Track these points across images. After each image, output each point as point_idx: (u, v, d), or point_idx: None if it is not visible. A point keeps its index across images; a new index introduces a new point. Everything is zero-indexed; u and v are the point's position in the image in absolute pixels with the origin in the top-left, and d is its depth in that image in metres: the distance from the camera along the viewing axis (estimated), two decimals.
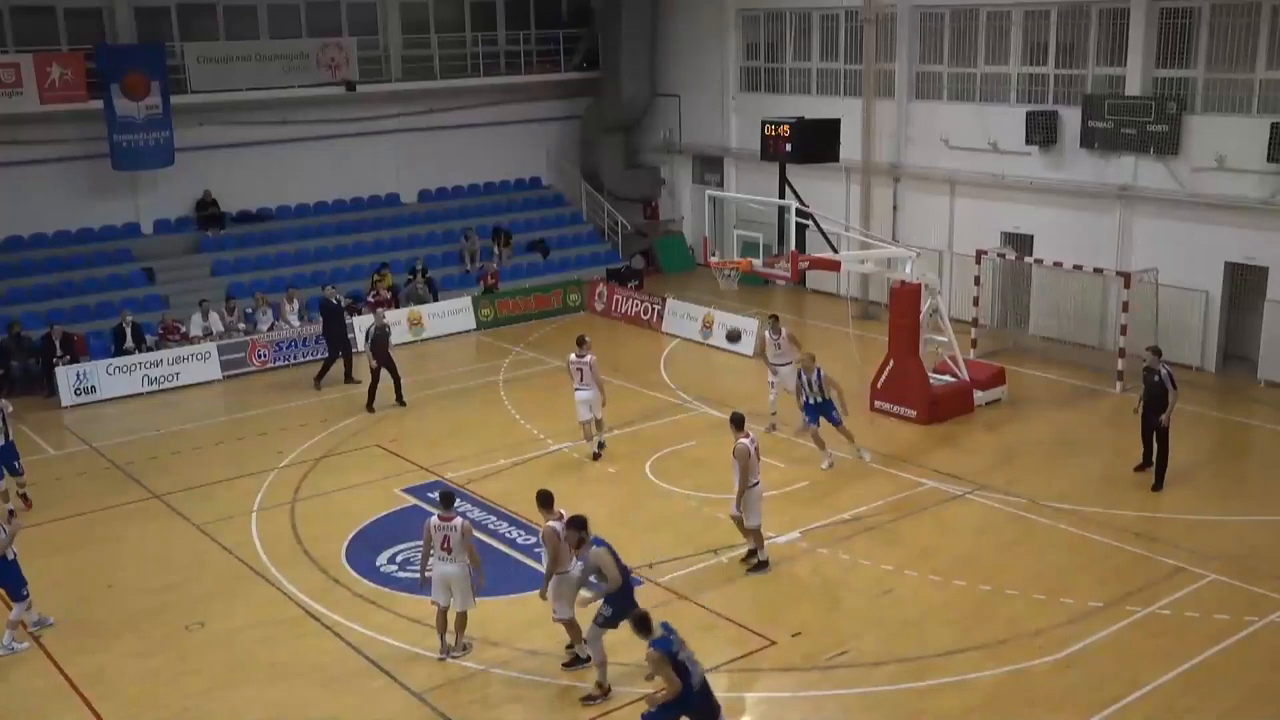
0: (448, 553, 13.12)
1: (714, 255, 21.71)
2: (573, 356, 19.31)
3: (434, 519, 13.29)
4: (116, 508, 18.26)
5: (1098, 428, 20.89)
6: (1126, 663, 12.92)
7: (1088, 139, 24.33)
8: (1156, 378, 17.31)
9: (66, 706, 12.67)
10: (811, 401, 18.45)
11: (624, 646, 13.46)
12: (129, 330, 24.76)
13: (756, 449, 15.03)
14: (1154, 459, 17.74)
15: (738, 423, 15.19)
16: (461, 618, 13.46)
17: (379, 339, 22.63)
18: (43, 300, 26.34)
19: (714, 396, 22.62)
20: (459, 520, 13.20)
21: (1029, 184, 25.78)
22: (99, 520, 17.83)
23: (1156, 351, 17.66)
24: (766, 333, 20.79)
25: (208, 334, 25.71)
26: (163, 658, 13.64)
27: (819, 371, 18.33)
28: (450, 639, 13.46)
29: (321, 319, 24.75)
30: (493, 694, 12.68)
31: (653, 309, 28.45)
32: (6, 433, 18.09)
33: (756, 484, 15.05)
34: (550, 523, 12.81)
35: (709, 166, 34.50)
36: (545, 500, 13.10)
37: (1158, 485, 17.54)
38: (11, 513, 14.98)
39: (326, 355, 24.64)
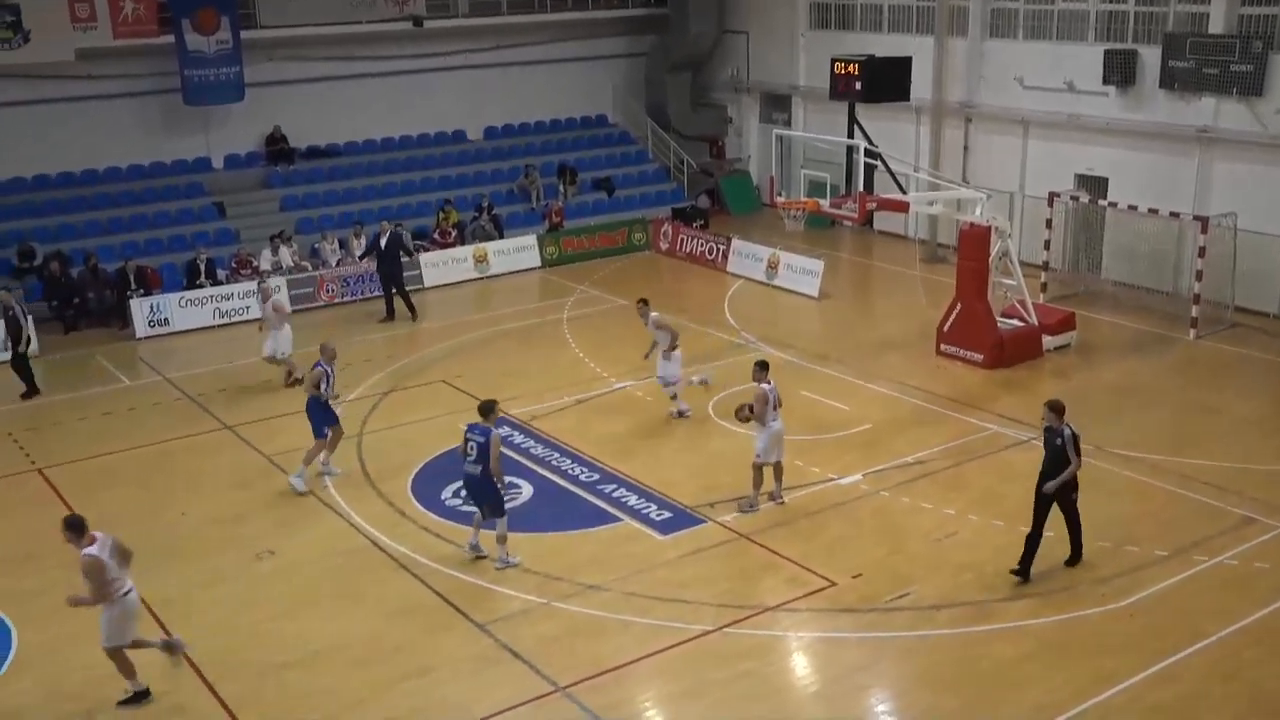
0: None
1: (780, 195, 21.56)
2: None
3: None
4: (189, 438, 18.67)
5: (1168, 375, 20.56)
6: (1190, 613, 12.80)
7: (1167, 79, 23.69)
8: (1059, 440, 13.27)
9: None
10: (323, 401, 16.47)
11: (699, 582, 13.61)
12: (203, 267, 25.16)
13: None
14: (1068, 533, 13.81)
15: None
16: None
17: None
18: (117, 233, 26.84)
19: (778, 337, 22.55)
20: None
21: (1105, 125, 25.21)
22: (172, 450, 18.24)
23: (1057, 409, 13.34)
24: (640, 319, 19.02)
25: (277, 269, 26.05)
26: (233, 585, 13.98)
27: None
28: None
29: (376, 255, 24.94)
30: (554, 627, 12.86)
31: (718, 249, 28.32)
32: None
33: None
34: (87, 550, 11.03)
35: (776, 105, 34.11)
36: (75, 525, 11.22)
37: (1074, 559, 13.83)
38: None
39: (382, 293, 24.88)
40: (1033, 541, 13.41)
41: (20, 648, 12.67)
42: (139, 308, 24.02)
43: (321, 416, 16.51)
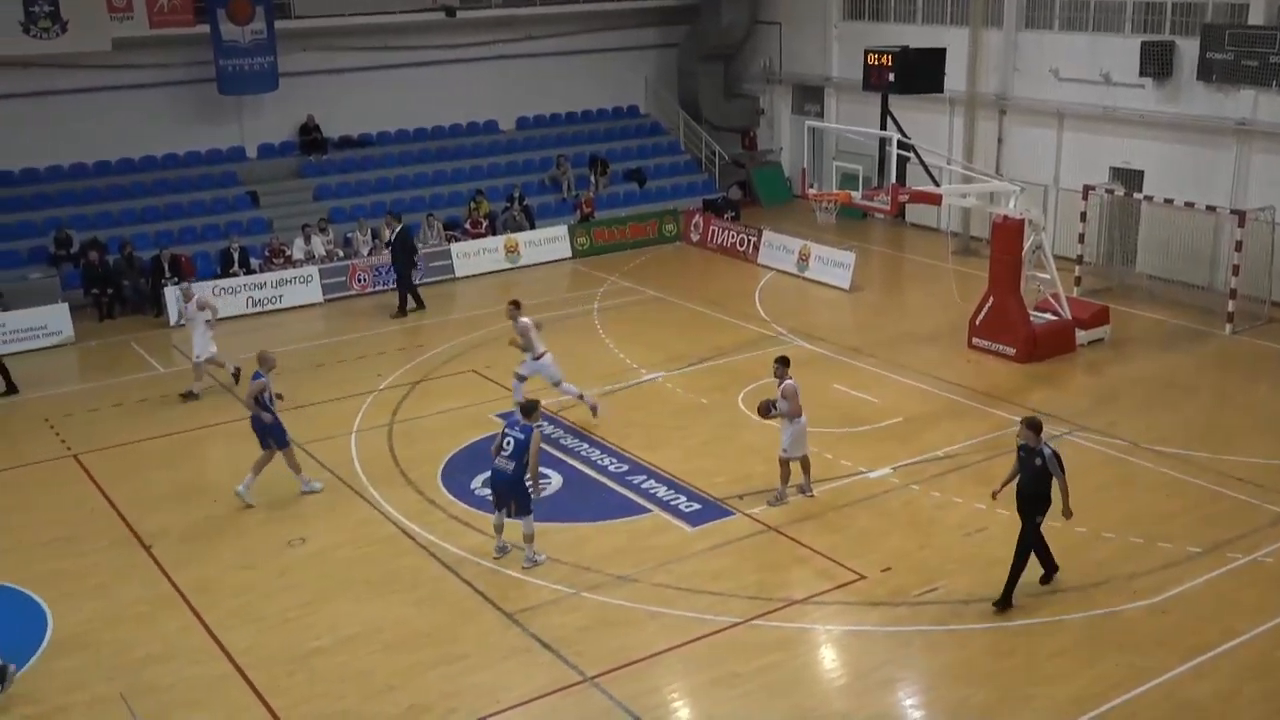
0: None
1: (812, 187, 21.45)
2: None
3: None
4: (221, 425, 18.80)
5: (1204, 370, 20.37)
6: (1223, 610, 12.69)
7: (1205, 71, 23.40)
8: (1039, 460, 12.60)
9: (174, 614, 13.16)
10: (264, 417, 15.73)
11: (728, 574, 13.60)
12: (236, 256, 25.34)
13: None
14: (1018, 559, 12.88)
15: None
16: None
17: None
18: (152, 222, 27.04)
19: (809, 330, 22.47)
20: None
21: (1141, 117, 24.96)
22: (205, 437, 18.39)
23: (1035, 427, 12.72)
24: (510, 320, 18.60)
25: (310, 258, 26.18)
26: (264, 571, 14.08)
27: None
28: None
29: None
30: (582, 617, 12.89)
31: (749, 241, 28.24)
32: None
33: None
34: None
35: (809, 96, 33.96)
36: None
37: (1003, 604, 12.75)
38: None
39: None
40: (1040, 551, 13.09)
41: (55, 629, 12.80)
42: (173, 296, 24.21)
43: (269, 430, 15.75)
